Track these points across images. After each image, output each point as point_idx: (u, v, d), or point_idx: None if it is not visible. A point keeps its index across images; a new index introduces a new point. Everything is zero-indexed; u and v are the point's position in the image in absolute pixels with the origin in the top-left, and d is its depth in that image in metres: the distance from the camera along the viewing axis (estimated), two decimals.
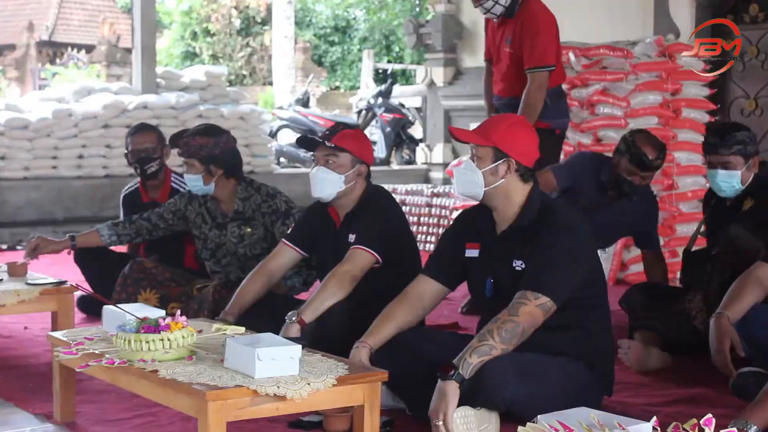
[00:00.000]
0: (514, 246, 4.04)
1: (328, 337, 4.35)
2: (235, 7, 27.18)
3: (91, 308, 5.47)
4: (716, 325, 4.29)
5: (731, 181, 5.23)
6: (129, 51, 14.25)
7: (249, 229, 5.57)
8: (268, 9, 26.08)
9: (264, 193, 5.60)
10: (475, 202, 4.21)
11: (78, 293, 5.42)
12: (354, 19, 29.01)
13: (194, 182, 5.56)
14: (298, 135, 15.96)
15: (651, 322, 5.38)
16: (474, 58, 13.10)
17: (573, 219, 4.10)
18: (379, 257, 4.72)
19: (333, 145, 4.81)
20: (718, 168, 5.24)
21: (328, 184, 4.83)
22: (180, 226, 5.83)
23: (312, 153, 4.95)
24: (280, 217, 5.50)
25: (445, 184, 11.48)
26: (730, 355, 4.24)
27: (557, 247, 3.93)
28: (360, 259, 4.69)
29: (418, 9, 25.90)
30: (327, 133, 4.89)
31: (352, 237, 4.79)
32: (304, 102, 17.28)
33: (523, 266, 3.99)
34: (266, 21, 26.63)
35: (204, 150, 5.53)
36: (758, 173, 5.28)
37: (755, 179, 5.26)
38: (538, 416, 2.61)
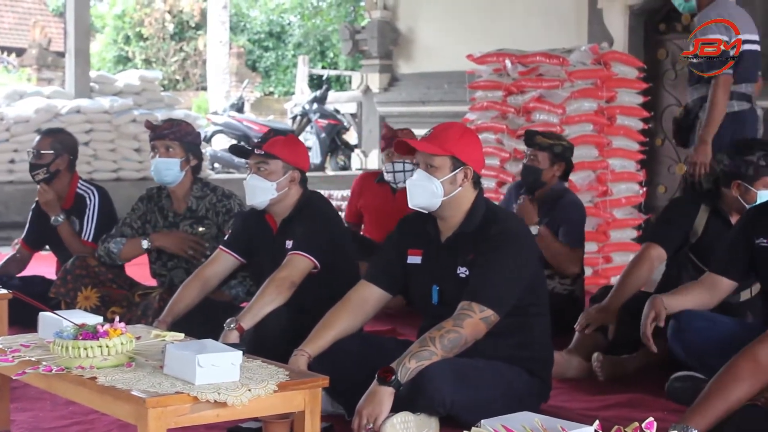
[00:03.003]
0: (459, 253, 4.06)
1: (268, 344, 4.33)
2: (169, 12, 26.98)
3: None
4: (650, 304, 4.49)
5: None
6: (60, 55, 14.10)
7: (201, 229, 5.53)
8: (202, 13, 25.94)
9: (220, 193, 5.58)
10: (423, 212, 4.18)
11: None
12: (288, 24, 28.93)
13: (169, 167, 5.48)
14: (233, 140, 16.03)
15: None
16: (410, 65, 13.16)
17: (518, 227, 4.13)
18: (317, 262, 4.71)
19: (264, 153, 4.79)
20: None
21: (260, 191, 4.81)
22: (147, 231, 5.73)
23: (246, 161, 4.95)
24: (232, 218, 5.47)
25: None
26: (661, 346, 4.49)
27: (502, 257, 3.95)
28: (298, 264, 4.68)
29: (353, 15, 25.90)
30: (259, 140, 4.89)
31: (289, 243, 4.78)
32: (239, 107, 17.22)
33: (468, 273, 4.00)
34: (200, 26, 26.47)
35: (189, 137, 5.53)
36: None
37: None
38: (482, 421, 2.62)
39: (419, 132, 5.43)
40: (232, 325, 4.42)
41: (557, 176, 6.15)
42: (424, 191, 4.05)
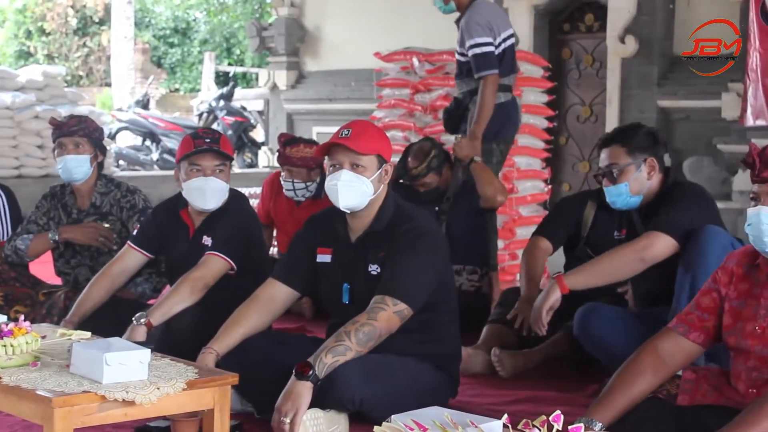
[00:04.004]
0: (370, 251, 4.07)
1: (177, 341, 4.29)
2: (72, 6, 26.58)
3: None
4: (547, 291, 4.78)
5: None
6: None
7: (106, 225, 5.47)
8: (106, 9, 25.60)
9: (124, 189, 5.53)
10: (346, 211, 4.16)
11: None
12: (194, 20, 28.68)
13: (80, 164, 5.41)
14: (138, 137, 15.86)
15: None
16: (317, 62, 13.15)
17: (428, 224, 4.16)
18: (234, 265, 4.68)
19: (226, 154, 4.74)
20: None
21: (220, 194, 4.76)
22: (51, 228, 5.63)
23: (186, 160, 4.74)
24: (137, 213, 5.42)
25: None
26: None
27: (414, 254, 3.98)
28: (214, 265, 4.64)
29: (260, 12, 25.78)
30: (208, 140, 4.74)
31: (208, 240, 4.73)
32: (144, 104, 17.05)
33: (379, 270, 4.02)
34: (104, 21, 26.12)
35: (96, 133, 5.46)
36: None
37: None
38: (392, 416, 2.64)
39: (328, 129, 5.43)
40: (141, 320, 4.37)
41: (449, 175, 6.23)
42: (357, 191, 4.04)
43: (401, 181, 6.29)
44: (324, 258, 4.21)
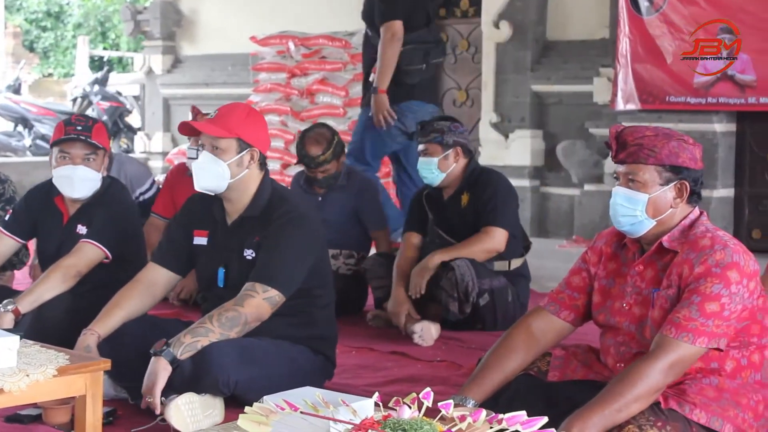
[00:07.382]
0: (246, 235, 4.06)
1: (49, 329, 4.22)
2: None
3: None
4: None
5: (430, 167, 5.55)
6: None
7: None
8: None
9: None
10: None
11: None
12: (68, 4, 28.11)
13: None
14: (10, 122, 15.49)
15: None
16: (193, 47, 13.01)
17: (303, 209, 4.15)
18: (108, 254, 4.62)
19: (94, 143, 4.64)
20: (419, 156, 5.62)
21: (89, 183, 4.67)
22: None
23: (57, 147, 4.65)
24: (2, 203, 5.31)
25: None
26: None
27: (287, 239, 3.98)
28: (88, 253, 4.57)
29: None
30: (79, 128, 4.63)
31: (82, 229, 4.66)
32: (16, 89, 16.68)
33: (254, 255, 4.02)
34: None
35: None
36: (474, 168, 5.60)
37: (470, 174, 5.52)
38: (265, 397, 2.65)
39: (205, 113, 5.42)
40: (9, 307, 4.30)
41: (342, 160, 6.21)
42: (211, 174, 4.03)
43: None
44: (200, 240, 4.20)
